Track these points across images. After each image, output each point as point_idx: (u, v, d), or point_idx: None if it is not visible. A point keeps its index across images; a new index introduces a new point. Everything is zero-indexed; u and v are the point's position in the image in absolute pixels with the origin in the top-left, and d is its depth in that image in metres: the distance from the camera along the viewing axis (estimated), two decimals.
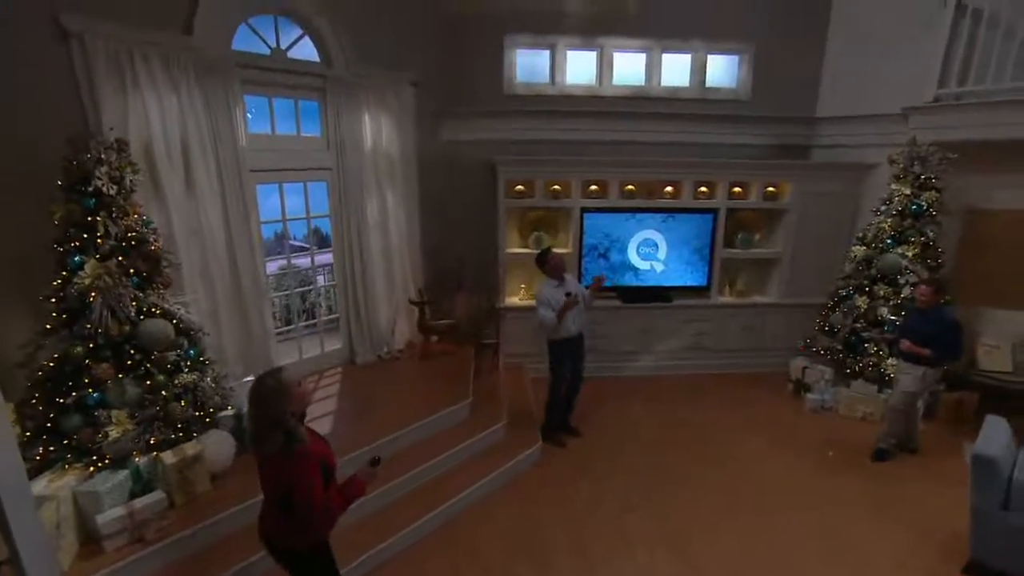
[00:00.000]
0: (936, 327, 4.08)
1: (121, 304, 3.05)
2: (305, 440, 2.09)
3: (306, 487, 2.08)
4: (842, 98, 5.82)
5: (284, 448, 2.06)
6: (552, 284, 4.30)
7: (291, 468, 2.06)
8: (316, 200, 4.93)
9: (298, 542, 2.23)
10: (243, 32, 4.13)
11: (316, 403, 4.45)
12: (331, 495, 2.21)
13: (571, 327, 4.30)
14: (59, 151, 3.01)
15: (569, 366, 4.43)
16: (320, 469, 2.17)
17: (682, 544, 3.46)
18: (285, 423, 2.08)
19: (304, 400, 2.24)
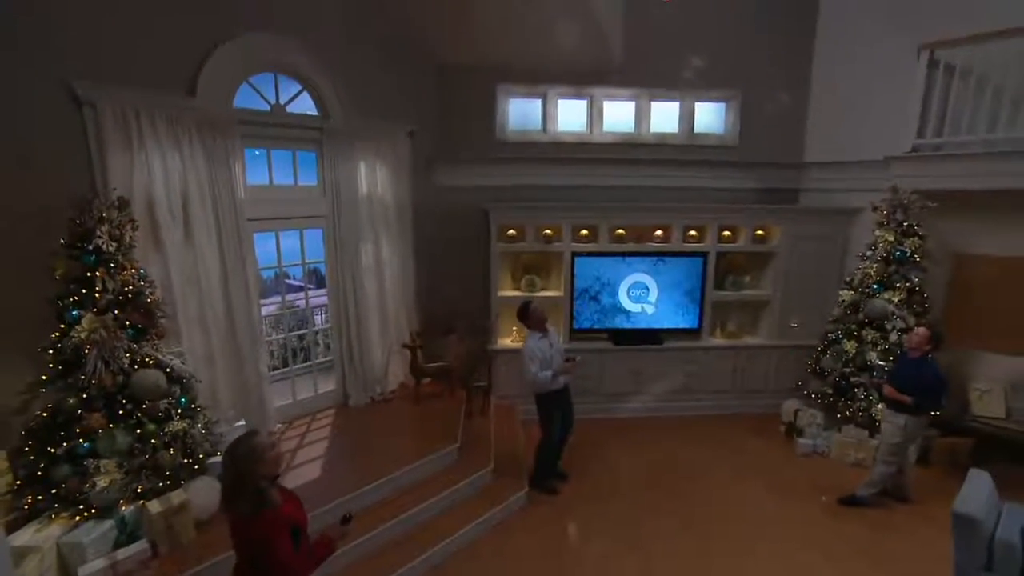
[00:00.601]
0: (920, 376, 4.10)
1: (115, 356, 3.17)
2: (275, 504, 2.15)
3: (275, 550, 2.13)
4: (828, 144, 5.98)
5: (254, 511, 2.12)
6: (536, 337, 4.31)
7: (260, 531, 2.12)
8: (314, 244, 5.09)
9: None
10: (244, 90, 4.36)
11: (307, 446, 4.52)
12: (301, 556, 2.26)
13: (561, 378, 4.34)
14: (65, 210, 3.19)
15: (559, 417, 4.44)
16: (289, 531, 2.22)
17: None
18: (256, 486, 2.15)
19: (277, 464, 2.31)
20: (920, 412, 4.14)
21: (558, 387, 4.32)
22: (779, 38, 5.90)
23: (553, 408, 4.36)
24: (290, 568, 2.17)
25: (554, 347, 4.35)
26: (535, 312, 4.33)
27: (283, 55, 4.49)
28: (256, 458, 2.19)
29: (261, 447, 2.23)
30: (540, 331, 4.33)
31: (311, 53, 4.62)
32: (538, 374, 4.16)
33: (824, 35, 5.92)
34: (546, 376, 4.17)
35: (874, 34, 5.42)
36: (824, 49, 5.93)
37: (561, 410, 4.44)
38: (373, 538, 3.64)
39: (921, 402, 4.07)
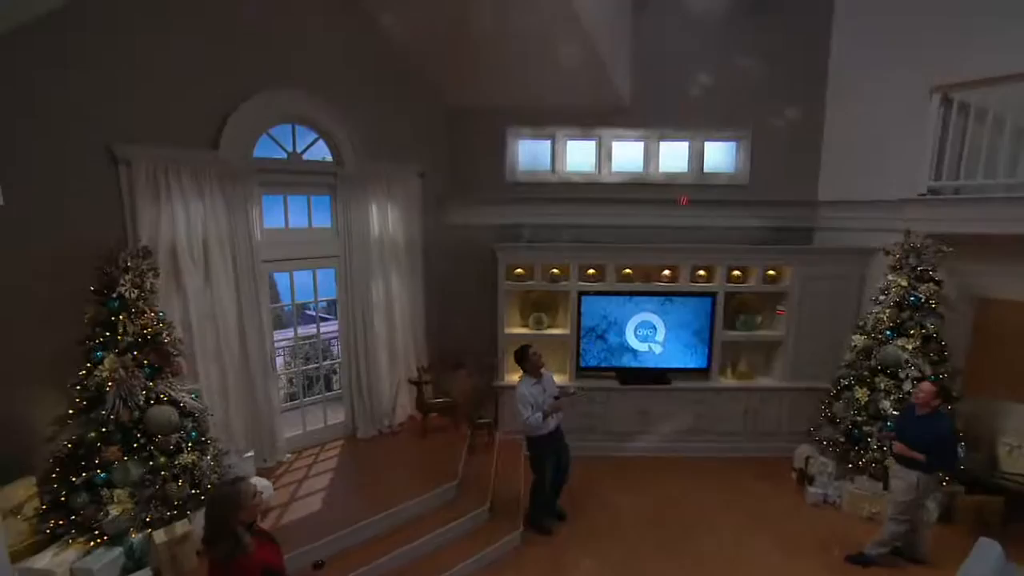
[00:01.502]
0: (931, 433, 3.91)
1: (132, 393, 3.47)
2: (248, 550, 2.31)
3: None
4: (842, 183, 5.87)
5: (228, 555, 2.29)
6: (531, 382, 4.37)
7: (230, 572, 2.28)
8: (328, 281, 5.38)
9: None
10: (263, 140, 4.71)
11: (312, 477, 4.73)
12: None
13: (550, 422, 4.38)
14: (96, 260, 3.54)
15: (552, 460, 4.45)
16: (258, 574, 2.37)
17: None
18: (233, 531, 2.32)
19: (256, 512, 2.48)
20: (933, 470, 3.96)
21: (548, 429, 4.37)
22: (790, 76, 5.88)
23: (545, 451, 4.40)
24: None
25: (547, 392, 4.41)
26: (533, 357, 4.39)
27: (299, 108, 4.84)
28: (236, 505, 2.38)
29: (243, 494, 2.42)
30: (535, 376, 4.40)
31: (326, 104, 4.95)
32: (530, 418, 4.23)
33: (837, 73, 5.85)
34: (537, 419, 4.23)
35: (887, 73, 5.33)
36: (837, 87, 5.86)
37: (555, 453, 4.46)
38: (367, 573, 3.76)
39: (935, 460, 3.89)
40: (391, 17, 5.13)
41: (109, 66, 3.82)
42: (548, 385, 4.44)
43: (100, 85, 3.80)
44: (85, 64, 3.73)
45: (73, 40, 3.66)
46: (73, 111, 3.71)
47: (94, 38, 3.75)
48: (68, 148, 3.72)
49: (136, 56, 3.93)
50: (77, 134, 3.74)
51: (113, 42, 3.82)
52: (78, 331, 3.51)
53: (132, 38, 3.90)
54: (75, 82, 3.70)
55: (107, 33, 3.79)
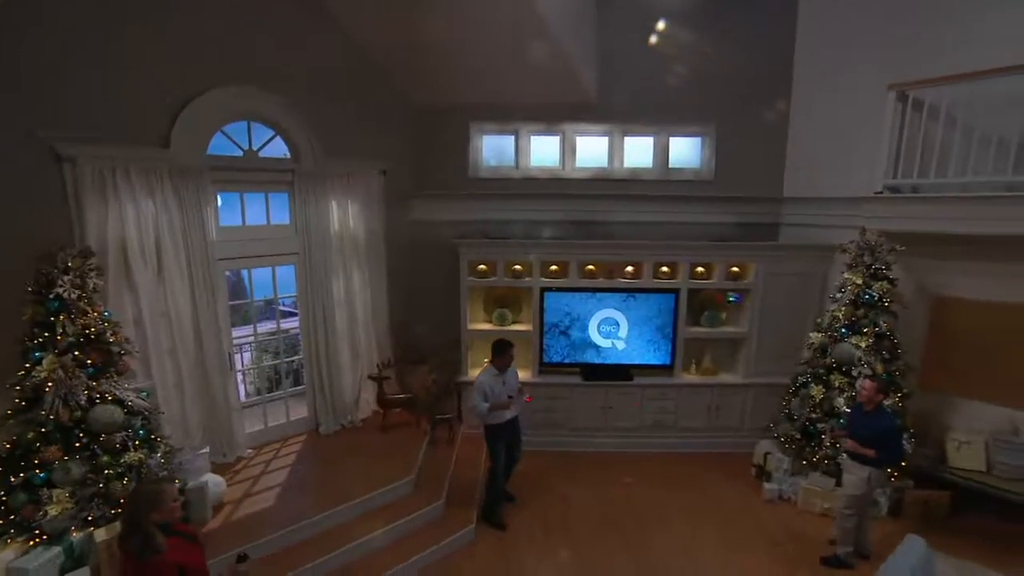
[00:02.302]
0: (876, 429, 3.99)
1: (73, 393, 3.48)
2: (160, 550, 2.33)
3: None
4: (806, 179, 5.87)
5: (140, 555, 2.31)
6: (493, 373, 4.48)
7: (142, 572, 2.30)
8: (288, 277, 5.38)
9: None
10: (218, 138, 4.68)
11: (270, 473, 4.76)
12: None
13: (505, 413, 4.47)
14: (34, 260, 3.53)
15: (504, 447, 4.58)
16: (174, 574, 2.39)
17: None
18: (145, 530, 2.34)
19: (173, 514, 2.50)
20: (881, 465, 4.06)
21: (502, 420, 4.46)
22: (756, 71, 5.85)
23: (496, 440, 4.52)
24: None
25: (507, 385, 4.49)
26: (508, 354, 4.48)
27: (254, 105, 4.80)
28: (154, 505, 2.40)
29: (162, 494, 2.45)
30: (501, 369, 4.48)
31: (282, 101, 4.91)
32: (477, 406, 4.34)
33: (801, 70, 5.83)
34: (483, 409, 4.34)
35: (849, 70, 5.31)
36: (802, 83, 5.84)
37: (505, 441, 4.57)
38: (313, 568, 3.80)
39: (884, 455, 3.98)
40: (351, 16, 5.07)
41: (51, 60, 3.78)
42: (511, 379, 4.53)
43: (41, 80, 3.76)
44: (27, 58, 3.68)
45: (11, 33, 3.62)
46: (13, 107, 3.67)
47: (35, 31, 3.70)
48: (8, 145, 3.68)
49: (80, 50, 3.88)
50: (18, 131, 3.70)
51: (55, 35, 3.77)
52: (15, 331, 3.50)
53: (75, 30, 3.85)
54: (14, 76, 3.65)
55: (48, 26, 3.74)
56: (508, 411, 4.49)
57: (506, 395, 4.45)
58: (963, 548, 4.34)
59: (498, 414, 4.43)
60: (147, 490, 2.48)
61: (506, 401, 4.41)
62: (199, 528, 3.88)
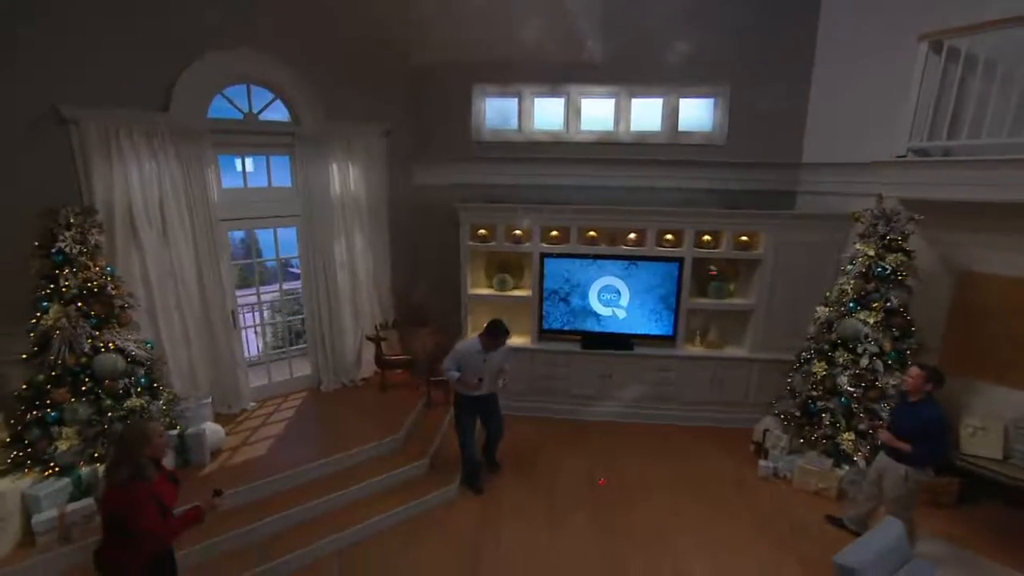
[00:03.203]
0: (918, 421, 3.61)
1: (77, 341, 3.77)
2: (149, 479, 2.57)
3: (142, 515, 2.53)
4: (828, 143, 5.45)
5: (128, 480, 2.53)
6: (476, 348, 4.36)
7: (132, 498, 2.52)
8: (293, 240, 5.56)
9: (132, 563, 2.68)
10: (219, 101, 4.81)
11: (269, 425, 5.03)
12: (166, 523, 2.65)
13: (480, 388, 4.39)
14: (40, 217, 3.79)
15: (472, 423, 4.52)
16: (156, 504, 2.61)
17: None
18: (137, 462, 2.56)
19: (161, 449, 2.72)
20: (919, 462, 3.61)
21: (468, 393, 4.41)
22: (776, 26, 5.41)
23: (469, 410, 4.48)
24: (156, 532, 2.58)
25: (488, 363, 4.37)
26: (500, 340, 4.35)
27: (252, 68, 4.88)
28: (145, 439, 2.64)
29: (152, 432, 2.69)
30: (487, 348, 4.35)
31: (281, 64, 4.97)
32: (448, 369, 4.33)
33: (828, 22, 5.34)
34: (452, 375, 4.33)
35: (878, 22, 4.83)
36: (827, 39, 5.35)
37: (477, 416, 4.55)
38: (301, 512, 4.03)
39: (921, 451, 3.57)
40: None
41: (55, 23, 3.95)
42: (494, 359, 4.41)
43: (45, 44, 3.94)
44: (30, 22, 3.87)
45: None
46: (20, 70, 3.89)
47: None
48: (17, 107, 3.92)
49: (81, 11, 4.03)
50: (25, 93, 3.93)
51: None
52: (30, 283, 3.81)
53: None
54: (18, 40, 3.85)
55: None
56: (483, 387, 4.39)
57: (477, 376, 4.32)
58: (969, 538, 4.12)
59: (462, 384, 4.37)
60: (138, 428, 2.72)
61: (474, 382, 4.31)
62: (194, 472, 4.20)
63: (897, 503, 3.70)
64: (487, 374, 4.38)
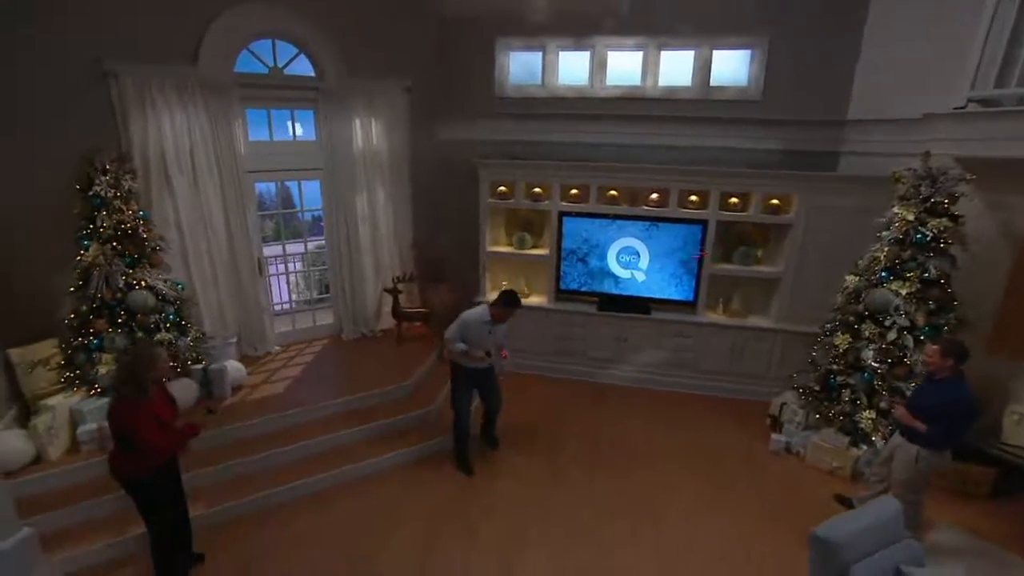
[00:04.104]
0: (938, 400, 3.31)
1: (113, 277, 4.15)
2: (149, 397, 2.86)
3: (142, 429, 2.83)
4: (881, 97, 4.91)
5: (131, 397, 2.83)
6: (484, 319, 4.07)
7: (132, 413, 2.81)
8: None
9: (137, 471, 3.00)
10: (244, 56, 5.00)
11: (290, 367, 5.37)
12: (164, 437, 2.93)
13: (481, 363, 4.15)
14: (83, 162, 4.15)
15: (467, 397, 4.31)
16: (154, 419, 2.90)
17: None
18: (141, 382, 2.84)
19: (162, 373, 3.00)
20: (935, 444, 3.33)
21: (468, 365, 4.16)
22: None
23: (465, 383, 4.26)
24: (155, 444, 2.87)
25: (493, 334, 4.13)
26: (511, 312, 4.08)
27: (277, 22, 5.01)
28: (151, 363, 2.92)
29: (158, 357, 2.98)
30: (495, 320, 4.09)
31: (304, 18, 5.07)
32: (453, 340, 4.08)
33: None
34: (457, 348, 4.07)
35: None
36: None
37: (474, 390, 4.37)
38: (302, 448, 4.32)
39: (936, 432, 3.28)
40: None
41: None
42: (500, 330, 4.18)
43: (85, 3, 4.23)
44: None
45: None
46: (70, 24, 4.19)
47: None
48: (68, 60, 4.25)
49: None
50: (74, 47, 4.24)
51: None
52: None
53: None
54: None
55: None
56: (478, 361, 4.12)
57: (485, 349, 4.10)
58: (997, 531, 3.81)
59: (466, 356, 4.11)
60: (146, 352, 3.00)
61: (481, 356, 4.07)
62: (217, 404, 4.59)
63: (903, 485, 3.45)
64: (492, 347, 4.15)
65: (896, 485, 3.51)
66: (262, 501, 3.92)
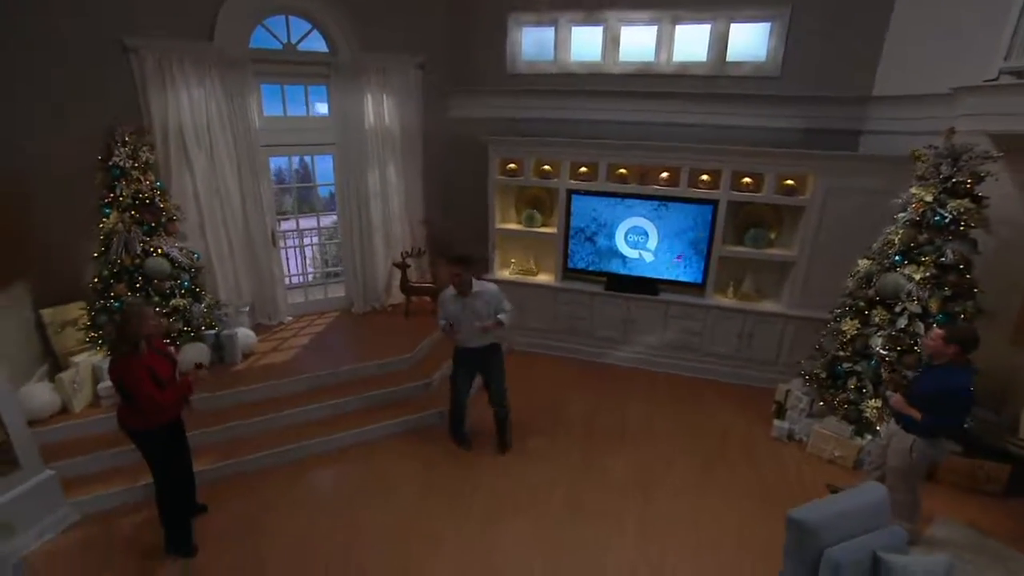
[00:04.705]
0: (935, 387, 3.17)
1: (131, 244, 4.38)
2: (141, 353, 3.02)
3: (139, 384, 3.00)
4: (909, 72, 4.63)
5: (126, 354, 3.01)
6: (452, 294, 4.01)
7: (129, 370, 2.99)
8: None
9: (139, 423, 3.19)
10: (259, 32, 5.11)
11: (299, 336, 5.56)
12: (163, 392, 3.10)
13: (462, 338, 4.09)
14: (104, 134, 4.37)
15: (465, 379, 4.27)
16: (149, 374, 3.07)
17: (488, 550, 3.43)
18: (133, 339, 3.02)
19: (153, 331, 3.15)
20: (927, 433, 3.19)
21: (464, 345, 4.12)
22: None
23: (457, 365, 4.25)
24: (153, 398, 3.03)
25: (467, 308, 3.98)
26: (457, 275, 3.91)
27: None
28: (138, 321, 3.06)
29: (146, 315, 3.12)
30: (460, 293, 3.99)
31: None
32: (440, 319, 4.11)
33: None
34: (440, 323, 4.11)
35: None
36: None
37: (475, 372, 4.30)
38: (304, 412, 4.50)
39: (929, 420, 3.14)
40: None
41: None
42: (473, 304, 3.97)
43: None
44: None
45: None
46: (91, 3, 4.39)
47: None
48: (87, 38, 4.46)
49: None
50: (92, 24, 4.44)
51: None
52: None
53: None
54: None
55: None
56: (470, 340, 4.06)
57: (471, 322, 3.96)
58: (1002, 529, 3.64)
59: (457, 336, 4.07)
60: (135, 311, 3.15)
61: (451, 332, 4.03)
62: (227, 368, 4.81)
63: (896, 474, 3.33)
64: (463, 321, 3.99)
65: (890, 473, 3.39)
66: (263, 461, 4.12)
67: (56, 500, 3.55)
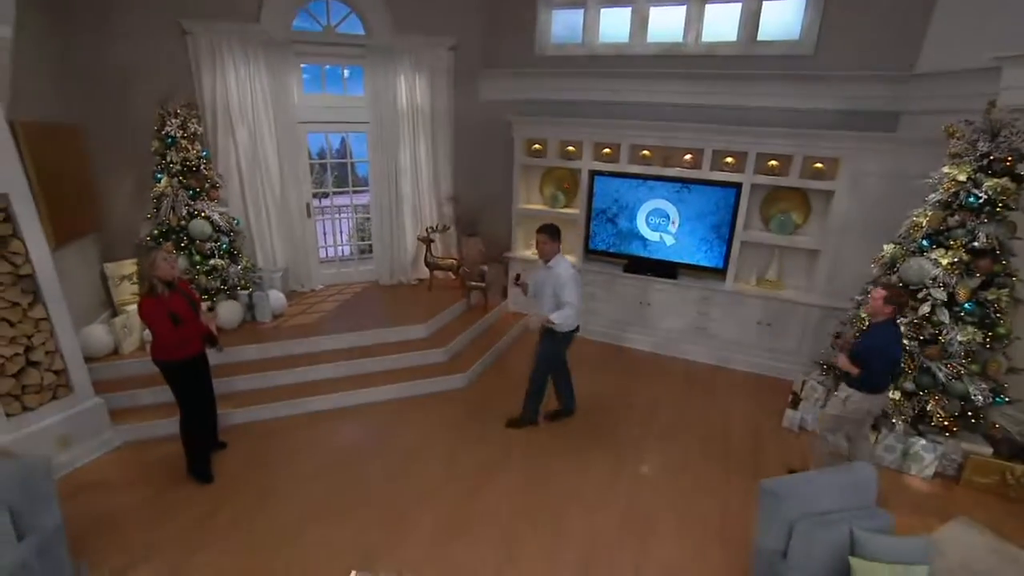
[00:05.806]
0: (867, 344, 3.39)
1: (177, 206, 4.83)
2: (159, 295, 3.35)
3: (153, 319, 3.35)
4: (958, 47, 4.31)
5: (147, 294, 3.37)
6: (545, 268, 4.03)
7: (146, 306, 3.35)
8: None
9: (163, 354, 3.52)
10: (301, 15, 5.46)
11: (327, 302, 5.89)
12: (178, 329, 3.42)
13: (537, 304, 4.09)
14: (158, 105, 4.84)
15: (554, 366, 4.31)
16: (167, 314, 3.39)
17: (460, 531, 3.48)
18: (150, 281, 3.38)
19: (167, 272, 3.46)
20: (861, 386, 3.40)
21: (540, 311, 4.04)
22: None
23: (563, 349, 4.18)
24: (168, 336, 3.38)
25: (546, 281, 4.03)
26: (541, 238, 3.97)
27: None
28: (151, 266, 3.39)
29: (158, 260, 3.40)
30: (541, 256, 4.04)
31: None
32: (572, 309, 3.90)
33: None
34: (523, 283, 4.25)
35: None
36: None
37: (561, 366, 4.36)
38: (321, 370, 4.80)
39: (863, 376, 3.36)
40: None
41: None
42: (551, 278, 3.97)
43: None
44: None
45: None
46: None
47: None
48: (151, 21, 4.95)
49: None
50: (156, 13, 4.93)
51: None
52: None
53: None
54: None
55: None
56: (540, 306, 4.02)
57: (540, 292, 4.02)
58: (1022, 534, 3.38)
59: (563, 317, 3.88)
60: (150, 255, 3.48)
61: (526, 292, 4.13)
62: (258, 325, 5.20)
63: (827, 419, 3.56)
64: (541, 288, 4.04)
65: (822, 419, 3.61)
66: (281, 409, 4.44)
67: (103, 424, 4.01)
